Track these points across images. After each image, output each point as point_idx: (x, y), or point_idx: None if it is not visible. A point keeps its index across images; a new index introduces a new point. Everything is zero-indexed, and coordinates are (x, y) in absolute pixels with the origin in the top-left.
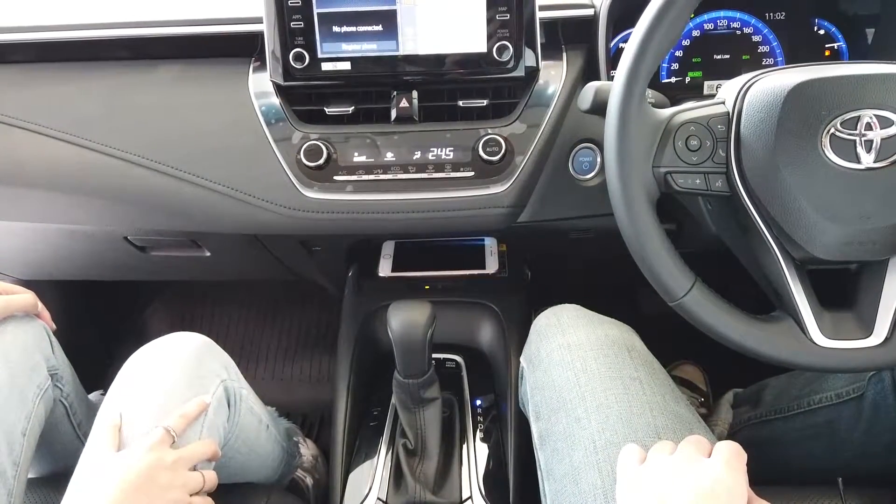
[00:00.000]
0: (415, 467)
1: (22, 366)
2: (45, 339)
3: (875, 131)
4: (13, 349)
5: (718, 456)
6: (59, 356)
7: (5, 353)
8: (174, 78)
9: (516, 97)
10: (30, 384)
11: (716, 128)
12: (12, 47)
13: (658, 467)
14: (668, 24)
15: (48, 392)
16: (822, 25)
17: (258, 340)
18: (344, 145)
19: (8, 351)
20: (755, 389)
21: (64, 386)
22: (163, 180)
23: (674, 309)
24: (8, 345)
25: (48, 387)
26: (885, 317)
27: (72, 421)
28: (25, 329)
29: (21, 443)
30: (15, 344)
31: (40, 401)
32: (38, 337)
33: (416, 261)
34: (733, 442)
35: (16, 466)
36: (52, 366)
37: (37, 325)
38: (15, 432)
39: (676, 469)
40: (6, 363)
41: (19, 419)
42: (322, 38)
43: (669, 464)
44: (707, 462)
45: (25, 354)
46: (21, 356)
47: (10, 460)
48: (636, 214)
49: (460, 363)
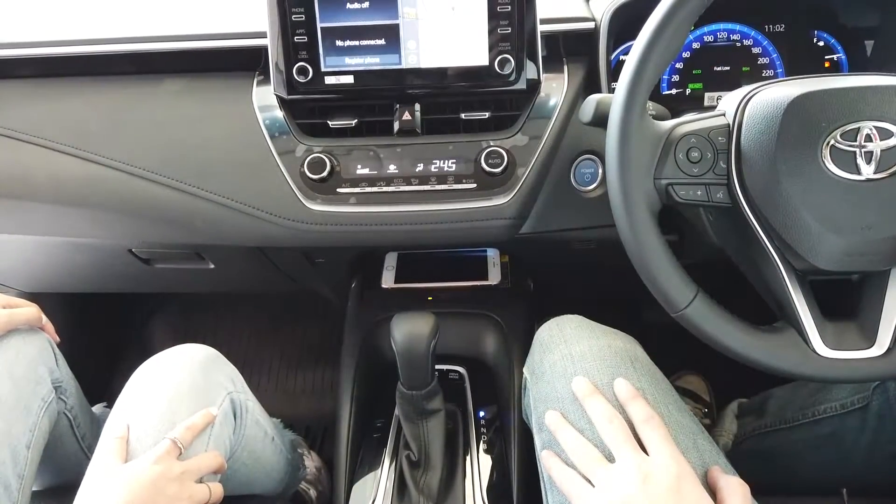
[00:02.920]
0: (418, 479)
1: (26, 379)
2: (49, 352)
3: (875, 143)
4: (18, 362)
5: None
6: (63, 369)
7: (10, 366)
8: (179, 92)
9: (518, 109)
10: (34, 397)
11: (717, 139)
12: (19, 62)
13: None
14: (669, 36)
15: (52, 405)
16: (821, 37)
17: (261, 352)
18: (347, 158)
19: (12, 364)
20: (759, 400)
21: (68, 399)
22: (168, 193)
23: (676, 320)
24: (12, 358)
25: (52, 399)
26: (887, 327)
27: (76, 433)
28: (30, 342)
29: (25, 455)
30: (19, 357)
31: (45, 413)
32: (43, 350)
33: (419, 272)
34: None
35: (20, 479)
36: (56, 378)
37: (41, 337)
38: (19, 445)
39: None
40: (10, 376)
41: (24, 432)
42: (325, 52)
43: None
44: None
45: (30, 367)
46: (26, 369)
47: (14, 473)
48: (638, 226)
49: (463, 374)
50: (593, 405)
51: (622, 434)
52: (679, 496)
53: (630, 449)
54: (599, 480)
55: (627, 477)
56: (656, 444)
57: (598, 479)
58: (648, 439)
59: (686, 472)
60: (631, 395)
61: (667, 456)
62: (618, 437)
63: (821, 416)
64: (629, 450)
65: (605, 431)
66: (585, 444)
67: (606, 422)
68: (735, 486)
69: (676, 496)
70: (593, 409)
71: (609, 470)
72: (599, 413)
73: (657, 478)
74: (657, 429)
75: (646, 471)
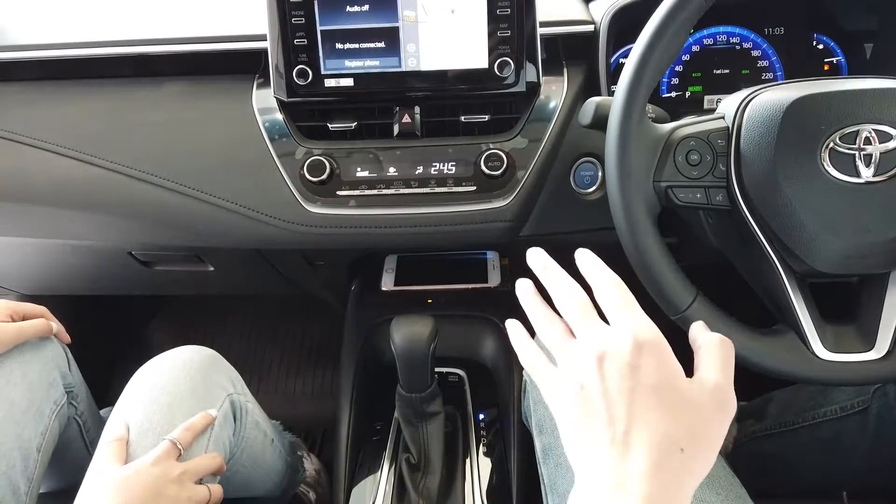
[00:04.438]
0: (418, 482)
1: (40, 382)
2: (62, 357)
3: (874, 145)
4: (32, 366)
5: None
6: (74, 373)
7: (24, 371)
8: (179, 94)
9: (518, 112)
10: (47, 400)
11: (716, 142)
12: (19, 65)
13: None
14: (668, 39)
15: (63, 409)
16: (820, 40)
17: (261, 354)
18: (347, 160)
19: (27, 369)
20: (759, 403)
21: (79, 404)
22: (168, 196)
23: (676, 322)
24: (27, 363)
25: (64, 404)
26: (886, 330)
27: (84, 438)
28: (45, 345)
29: (35, 458)
30: (34, 362)
31: (56, 417)
32: (57, 354)
33: (419, 275)
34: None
35: (29, 482)
36: (68, 383)
37: (55, 341)
38: (30, 448)
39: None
40: (25, 381)
41: (35, 435)
42: (325, 55)
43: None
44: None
45: (44, 371)
46: (40, 373)
47: (24, 476)
48: (637, 228)
49: (463, 377)
50: (551, 278)
51: (584, 307)
52: (637, 372)
53: (588, 323)
54: (560, 360)
55: (584, 357)
56: (614, 311)
57: (559, 358)
58: (607, 307)
59: (648, 339)
60: (593, 262)
61: (624, 325)
62: (578, 310)
63: (821, 419)
64: (587, 324)
65: (564, 306)
66: (551, 317)
67: (567, 295)
68: (715, 343)
69: (634, 373)
70: (551, 281)
71: (567, 347)
72: (557, 286)
73: (613, 354)
74: (614, 291)
75: (602, 348)
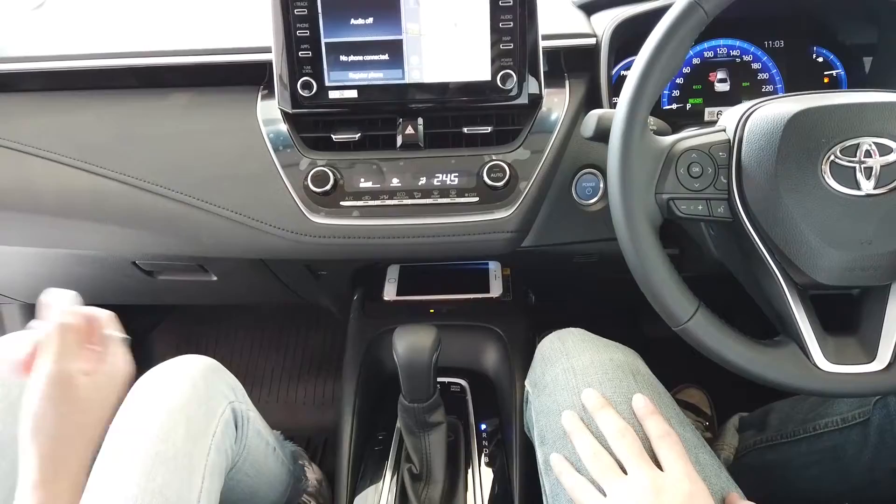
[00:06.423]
0: (420, 492)
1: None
2: None
3: (874, 158)
4: None
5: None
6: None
7: None
8: (184, 106)
9: (520, 124)
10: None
11: (717, 155)
12: (26, 76)
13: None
14: (670, 53)
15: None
16: (820, 53)
17: (263, 364)
18: (350, 171)
19: None
20: (761, 413)
21: None
22: (172, 206)
23: (678, 333)
24: None
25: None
26: (887, 342)
27: None
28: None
29: None
30: None
31: None
32: None
33: (421, 285)
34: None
35: None
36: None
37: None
38: None
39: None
40: None
41: None
42: (329, 67)
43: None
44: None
45: None
46: None
47: None
48: (639, 240)
49: (465, 387)
50: (605, 418)
51: (635, 448)
52: None
53: (644, 463)
54: (613, 491)
55: (641, 490)
56: (672, 461)
57: (611, 489)
58: (664, 455)
59: (699, 490)
60: (649, 410)
61: (681, 473)
62: (631, 450)
63: (822, 430)
64: (643, 464)
65: (617, 445)
66: (601, 452)
67: (619, 435)
68: None
69: None
70: (605, 421)
71: (623, 481)
72: (611, 426)
73: (670, 494)
74: (674, 446)
75: (659, 485)
